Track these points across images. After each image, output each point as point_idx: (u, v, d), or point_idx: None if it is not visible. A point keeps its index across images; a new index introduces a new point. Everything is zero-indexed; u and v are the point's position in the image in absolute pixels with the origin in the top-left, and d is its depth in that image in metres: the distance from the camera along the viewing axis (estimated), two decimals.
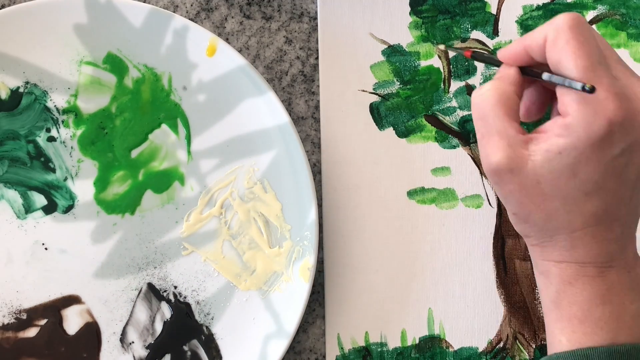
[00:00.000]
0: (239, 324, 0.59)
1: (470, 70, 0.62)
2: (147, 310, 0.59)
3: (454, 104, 0.62)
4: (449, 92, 0.62)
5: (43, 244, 0.59)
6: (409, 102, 0.62)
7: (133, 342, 0.59)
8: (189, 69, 0.59)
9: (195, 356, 0.59)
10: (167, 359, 0.59)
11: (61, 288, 0.59)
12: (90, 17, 0.58)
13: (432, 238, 0.61)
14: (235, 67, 0.58)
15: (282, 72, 0.62)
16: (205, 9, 0.62)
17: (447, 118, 0.62)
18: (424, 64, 0.62)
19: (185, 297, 0.60)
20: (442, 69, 0.62)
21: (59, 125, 0.60)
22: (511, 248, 0.61)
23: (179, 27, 0.58)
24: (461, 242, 0.61)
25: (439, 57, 0.62)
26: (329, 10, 0.62)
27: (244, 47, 0.62)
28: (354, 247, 0.61)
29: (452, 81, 0.62)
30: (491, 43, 0.62)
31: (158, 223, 0.60)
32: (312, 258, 0.58)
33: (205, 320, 0.60)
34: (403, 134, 0.62)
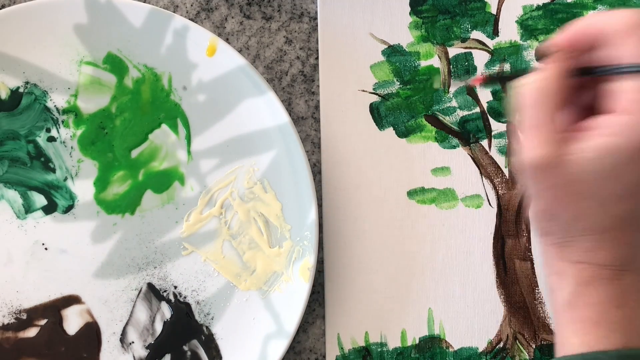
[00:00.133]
0: (239, 324, 0.59)
1: (470, 70, 0.62)
2: (147, 310, 0.59)
3: (454, 104, 0.62)
4: (449, 92, 0.62)
5: (43, 244, 0.59)
6: (409, 102, 0.62)
7: (133, 342, 0.59)
8: (189, 69, 0.59)
9: (195, 356, 0.59)
10: (167, 359, 0.59)
11: (61, 288, 0.59)
12: (90, 17, 0.58)
13: (432, 238, 0.61)
14: (235, 67, 0.58)
15: (282, 72, 0.62)
16: (205, 9, 0.62)
17: (447, 118, 0.62)
18: (424, 64, 0.62)
19: (185, 297, 0.60)
20: (441, 70, 0.62)
21: (59, 125, 0.60)
22: (511, 248, 0.61)
23: (179, 27, 0.58)
24: (461, 242, 0.61)
25: (439, 57, 0.62)
26: (329, 10, 0.62)
27: (244, 47, 0.62)
28: (354, 247, 0.61)
29: (452, 81, 0.62)
30: (491, 43, 0.62)
31: (158, 223, 0.60)
32: (312, 258, 0.58)
33: (205, 320, 0.60)
34: (403, 134, 0.62)
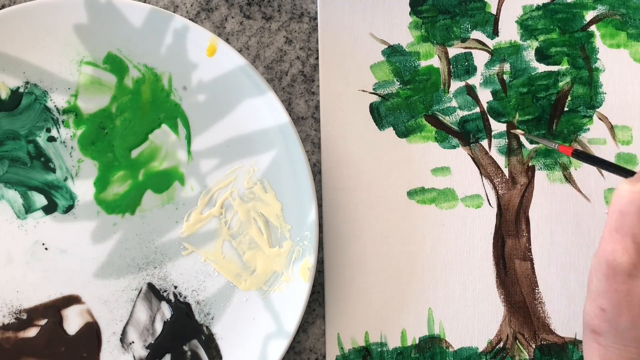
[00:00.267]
0: (239, 324, 0.59)
1: (470, 70, 0.62)
2: (147, 310, 0.59)
3: (454, 104, 0.62)
4: (449, 92, 0.62)
5: (43, 244, 0.59)
6: (409, 102, 0.62)
7: (133, 342, 0.59)
8: (189, 69, 0.59)
9: (195, 356, 0.59)
10: (167, 359, 0.59)
11: (61, 288, 0.59)
12: (91, 17, 0.58)
13: (432, 238, 0.61)
14: (235, 67, 0.58)
15: (282, 72, 0.62)
16: (205, 9, 0.62)
17: (447, 118, 0.62)
18: (424, 64, 0.62)
19: (185, 297, 0.60)
20: (441, 72, 0.62)
21: (59, 125, 0.60)
22: (511, 248, 0.61)
23: (179, 27, 0.58)
24: (461, 242, 0.61)
25: (439, 57, 0.62)
26: (329, 10, 0.62)
27: (244, 47, 0.62)
28: (354, 247, 0.61)
29: (452, 81, 0.62)
30: (491, 43, 0.62)
31: (158, 223, 0.60)
32: (312, 258, 0.58)
33: (205, 320, 0.60)
34: (403, 134, 0.62)
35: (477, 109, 0.62)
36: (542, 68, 0.62)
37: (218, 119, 0.60)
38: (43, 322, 0.59)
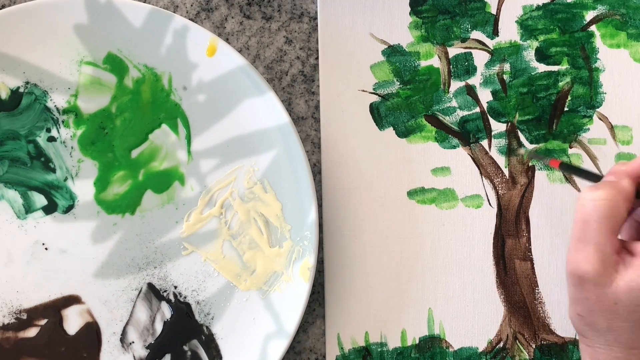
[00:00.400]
0: (239, 324, 0.59)
1: (470, 70, 0.62)
2: (147, 310, 0.59)
3: (454, 104, 0.62)
4: (449, 92, 0.62)
5: (43, 244, 0.59)
6: (409, 102, 0.62)
7: (133, 342, 0.59)
8: (189, 69, 0.59)
9: (196, 356, 0.59)
10: (167, 359, 0.59)
11: (61, 288, 0.59)
12: (91, 17, 0.58)
13: (432, 238, 0.61)
14: (235, 67, 0.58)
15: (282, 72, 0.62)
16: (205, 9, 0.62)
17: (447, 118, 0.62)
18: (424, 64, 0.62)
19: (186, 297, 0.60)
20: (441, 72, 0.62)
21: (59, 125, 0.60)
22: (511, 248, 0.61)
23: (179, 27, 0.58)
24: (461, 242, 0.61)
25: (439, 57, 0.62)
26: (329, 10, 0.62)
27: (244, 47, 0.62)
28: (354, 247, 0.61)
29: (452, 81, 0.62)
30: (491, 43, 0.62)
31: (158, 223, 0.60)
32: (312, 258, 0.58)
33: (205, 320, 0.60)
34: (403, 134, 0.62)
35: (477, 109, 0.62)
36: (542, 68, 0.62)
37: (218, 119, 0.60)
38: (43, 322, 0.59)
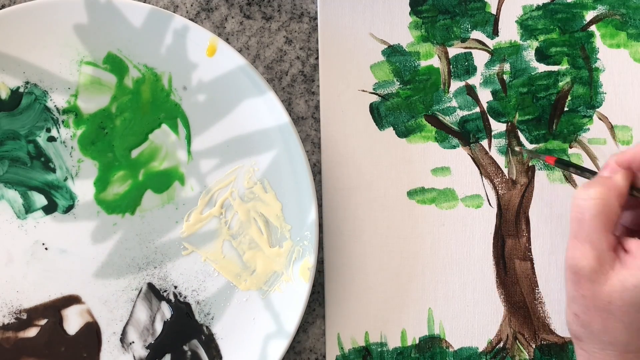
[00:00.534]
0: (239, 324, 0.59)
1: (470, 70, 0.62)
2: (147, 310, 0.59)
3: (454, 104, 0.62)
4: (449, 92, 0.62)
5: (43, 244, 0.59)
6: (409, 102, 0.62)
7: (133, 342, 0.59)
8: (189, 69, 0.59)
9: (195, 356, 0.59)
10: (167, 359, 0.59)
11: (61, 288, 0.59)
12: (91, 17, 0.58)
13: (432, 238, 0.61)
14: (235, 67, 0.58)
15: (282, 72, 0.62)
16: (205, 9, 0.62)
17: (447, 118, 0.62)
18: (424, 64, 0.62)
19: (185, 297, 0.60)
20: (441, 72, 0.62)
21: (59, 125, 0.60)
22: (511, 248, 0.61)
23: (179, 27, 0.58)
24: (461, 242, 0.61)
25: (439, 57, 0.62)
26: (329, 10, 0.62)
27: (244, 47, 0.62)
28: (354, 247, 0.61)
29: (452, 81, 0.62)
30: (491, 43, 0.62)
31: (158, 223, 0.60)
32: (312, 258, 0.58)
33: (205, 320, 0.60)
34: (403, 134, 0.62)
35: (477, 109, 0.62)
36: (542, 68, 0.62)
37: (218, 119, 0.60)
38: (43, 322, 0.59)
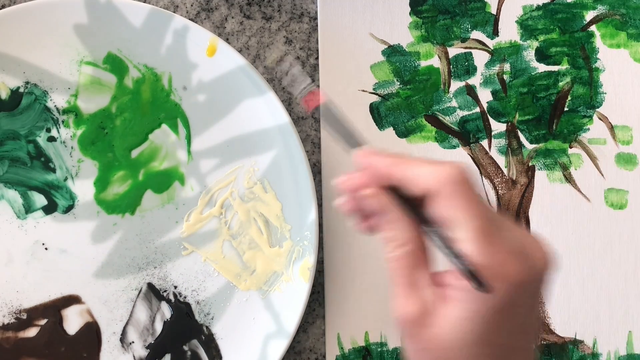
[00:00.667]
0: (239, 324, 0.59)
1: (470, 70, 0.62)
2: (147, 310, 0.59)
3: (454, 104, 0.62)
4: (449, 92, 0.62)
5: (43, 244, 0.59)
6: (409, 102, 0.62)
7: (133, 342, 0.59)
8: (189, 69, 0.59)
9: (195, 356, 0.59)
10: (167, 359, 0.59)
11: (61, 288, 0.59)
12: (91, 17, 0.58)
13: None
14: (235, 67, 0.58)
15: (282, 72, 0.62)
16: (205, 9, 0.62)
17: (447, 118, 0.62)
18: (424, 64, 0.62)
19: (185, 297, 0.60)
20: (441, 72, 0.62)
21: (59, 125, 0.60)
22: None
23: (179, 27, 0.58)
24: None
25: (439, 57, 0.62)
26: (329, 10, 0.62)
27: (244, 47, 0.62)
28: (354, 247, 0.61)
29: (452, 81, 0.62)
30: (491, 43, 0.62)
31: (158, 223, 0.60)
32: (312, 258, 0.58)
33: (205, 320, 0.60)
34: (403, 134, 0.62)
35: (477, 109, 0.62)
36: (542, 68, 0.62)
37: (218, 119, 0.60)
38: (43, 322, 0.59)
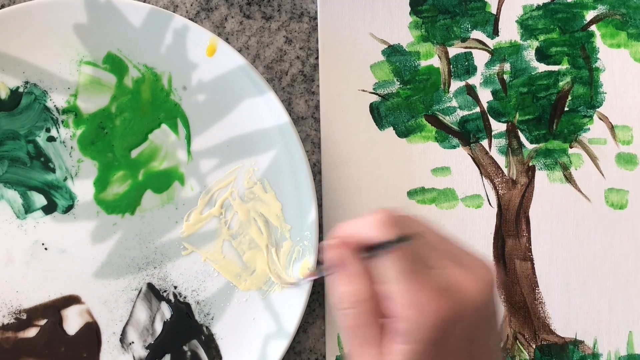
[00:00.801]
0: (239, 324, 0.59)
1: (470, 70, 0.62)
2: (147, 310, 0.59)
3: (454, 103, 0.62)
4: (449, 92, 0.62)
5: (43, 244, 0.59)
6: (409, 102, 0.62)
7: (133, 342, 0.59)
8: (189, 69, 0.59)
9: (195, 356, 0.59)
10: (167, 359, 0.59)
11: (61, 288, 0.59)
12: (90, 17, 0.58)
13: None
14: (235, 67, 0.58)
15: (282, 72, 0.62)
16: (205, 9, 0.62)
17: (447, 118, 0.62)
18: (424, 64, 0.62)
19: (185, 297, 0.60)
20: (441, 71, 0.62)
21: (58, 125, 0.60)
22: (511, 248, 0.61)
23: (179, 27, 0.58)
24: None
25: (439, 57, 0.62)
26: (329, 10, 0.62)
27: (244, 47, 0.62)
28: None
29: (452, 81, 0.62)
30: (491, 43, 0.62)
31: (158, 223, 0.60)
32: (312, 258, 0.58)
33: (205, 320, 0.60)
34: (403, 134, 0.62)
35: (477, 109, 0.62)
36: (542, 68, 0.62)
37: (218, 119, 0.60)
38: (43, 322, 0.59)
